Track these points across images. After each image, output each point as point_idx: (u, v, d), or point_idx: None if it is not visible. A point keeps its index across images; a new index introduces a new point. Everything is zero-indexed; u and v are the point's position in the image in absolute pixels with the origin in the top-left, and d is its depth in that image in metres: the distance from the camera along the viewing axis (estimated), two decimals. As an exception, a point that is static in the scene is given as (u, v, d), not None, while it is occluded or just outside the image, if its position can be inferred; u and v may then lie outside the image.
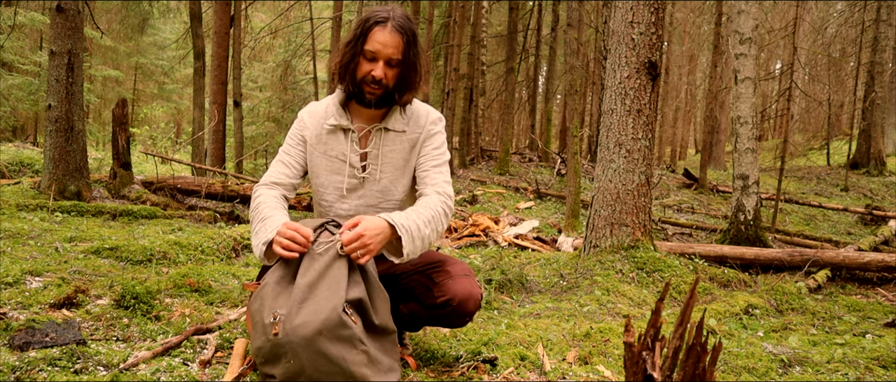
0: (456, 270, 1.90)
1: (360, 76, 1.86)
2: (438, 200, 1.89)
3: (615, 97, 4.25)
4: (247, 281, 3.05)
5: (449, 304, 1.84)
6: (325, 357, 1.53)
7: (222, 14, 11.02)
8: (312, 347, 1.52)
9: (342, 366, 1.54)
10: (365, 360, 1.60)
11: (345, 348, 1.56)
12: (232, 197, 6.33)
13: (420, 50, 1.90)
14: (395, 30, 1.82)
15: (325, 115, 1.98)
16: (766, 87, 25.41)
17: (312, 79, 14.52)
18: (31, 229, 3.91)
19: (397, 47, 1.83)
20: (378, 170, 1.96)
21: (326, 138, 1.97)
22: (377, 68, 1.83)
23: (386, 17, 1.83)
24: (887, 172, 14.24)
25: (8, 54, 14.44)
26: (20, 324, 1.93)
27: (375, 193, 1.98)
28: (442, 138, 2.01)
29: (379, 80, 1.84)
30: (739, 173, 6.15)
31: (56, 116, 5.29)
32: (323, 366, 1.53)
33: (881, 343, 2.87)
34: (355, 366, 1.56)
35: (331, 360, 1.53)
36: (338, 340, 1.55)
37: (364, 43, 1.84)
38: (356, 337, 1.59)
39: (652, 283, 3.92)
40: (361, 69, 1.86)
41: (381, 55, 1.83)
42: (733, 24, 6.41)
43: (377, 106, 1.91)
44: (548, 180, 10.87)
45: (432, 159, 1.98)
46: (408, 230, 1.74)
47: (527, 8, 16.07)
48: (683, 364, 1.27)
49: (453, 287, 1.85)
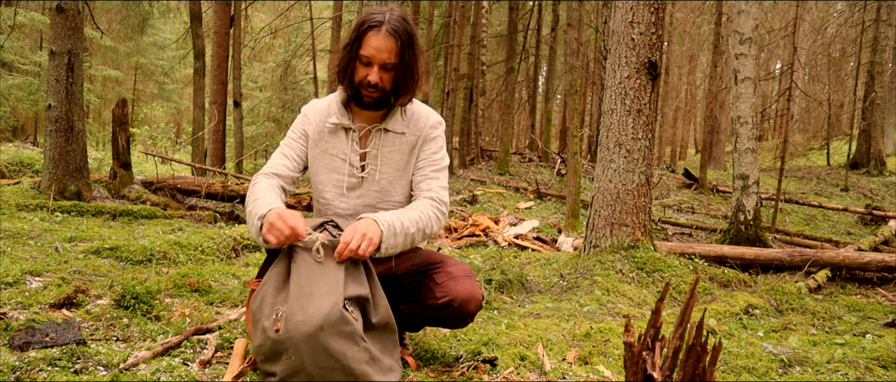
0: (457, 271, 1.91)
1: (357, 80, 1.88)
2: (430, 205, 1.91)
3: (615, 97, 4.25)
4: (248, 279, 3.05)
5: (450, 305, 1.85)
6: (327, 352, 1.53)
7: (222, 14, 11.02)
8: (314, 343, 1.52)
9: (343, 363, 1.54)
10: (366, 358, 1.60)
11: (346, 344, 1.56)
12: (232, 197, 6.33)
13: (417, 51, 1.89)
14: (389, 34, 1.82)
15: (328, 113, 2.00)
16: (766, 87, 25.41)
17: (312, 79, 14.52)
18: (31, 229, 3.91)
19: (391, 51, 1.83)
20: (377, 171, 1.97)
21: (328, 136, 1.99)
22: (372, 73, 1.84)
23: (380, 20, 1.83)
24: (887, 172, 14.24)
25: (8, 54, 14.44)
26: (20, 324, 1.93)
27: (374, 193, 1.99)
28: (441, 142, 2.02)
29: (375, 85, 1.85)
30: (739, 173, 6.15)
31: (56, 116, 5.29)
32: (324, 362, 1.53)
33: (881, 343, 2.87)
34: (356, 363, 1.56)
35: (332, 356, 1.53)
36: (339, 336, 1.55)
37: (359, 47, 1.85)
38: (357, 334, 1.59)
39: (652, 283, 3.92)
40: (358, 73, 1.87)
41: (376, 60, 1.83)
42: (733, 24, 6.41)
43: (376, 107, 1.93)
44: (548, 180, 10.87)
45: (430, 164, 1.99)
46: (390, 225, 1.76)
47: (527, 8, 16.07)
48: (683, 364, 1.27)
49: (455, 288, 1.85)
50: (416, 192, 1.99)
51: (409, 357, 2.04)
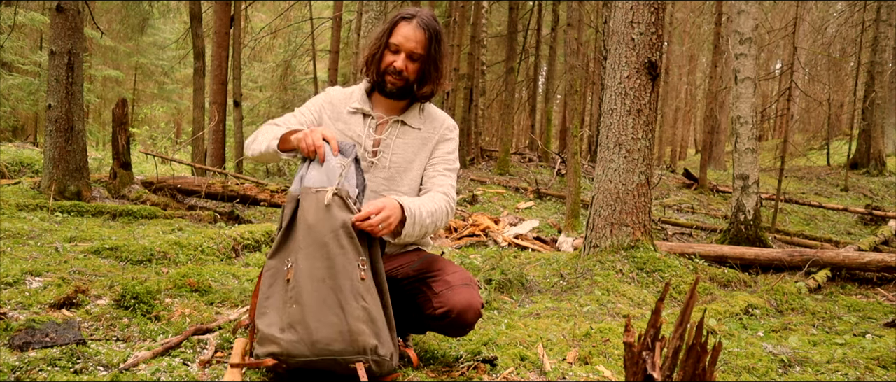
0: (455, 279, 1.91)
1: (383, 67, 1.97)
2: (444, 200, 1.96)
3: (615, 97, 4.25)
4: (248, 279, 3.05)
5: (448, 315, 1.86)
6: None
7: (222, 14, 11.02)
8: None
9: (340, 298, 1.62)
10: (365, 317, 1.63)
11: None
12: (232, 197, 6.33)
13: (444, 49, 2.00)
14: (419, 26, 1.94)
15: (350, 99, 2.08)
16: (766, 87, 25.41)
17: (312, 79, 14.52)
18: (31, 229, 3.91)
19: (420, 43, 1.94)
20: (387, 158, 2.01)
21: (346, 117, 2.05)
22: (399, 59, 1.94)
23: (412, 14, 1.97)
24: (887, 172, 14.24)
25: (8, 54, 14.43)
26: (20, 324, 1.93)
27: (381, 180, 2.02)
28: (455, 145, 2.10)
29: (400, 71, 1.94)
30: (739, 173, 6.15)
31: (56, 116, 5.29)
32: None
33: (881, 343, 2.87)
34: (354, 319, 1.62)
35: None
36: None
37: (389, 36, 1.96)
38: (358, 289, 1.66)
39: (652, 283, 3.92)
40: (385, 60, 1.97)
41: (404, 48, 1.94)
42: (733, 24, 6.41)
43: (397, 97, 2.00)
44: (548, 180, 10.87)
45: (444, 162, 2.05)
46: (412, 214, 1.82)
47: (527, 8, 16.06)
48: (683, 364, 1.27)
49: (452, 298, 1.86)
50: (429, 186, 2.03)
51: (410, 349, 2.03)
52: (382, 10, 6.24)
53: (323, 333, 1.58)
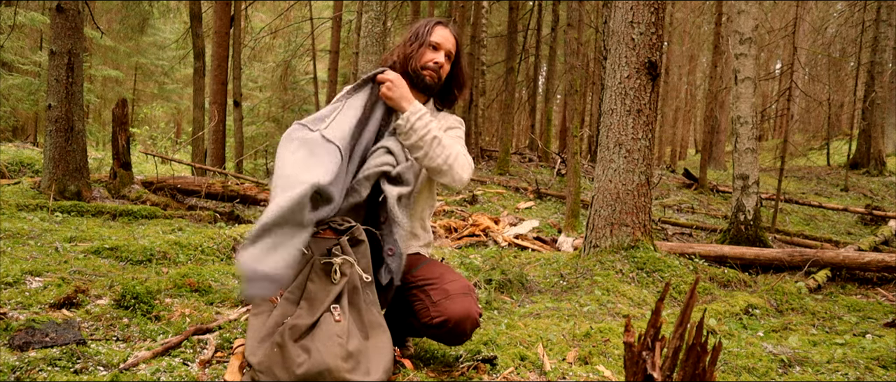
0: (454, 288, 1.91)
1: (422, 62, 2.10)
2: (462, 148, 2.05)
3: (615, 97, 4.25)
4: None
5: (445, 325, 1.86)
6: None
7: (222, 14, 11.02)
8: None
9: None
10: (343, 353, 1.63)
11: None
12: (232, 197, 6.33)
13: (464, 61, 2.21)
14: (452, 33, 2.15)
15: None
16: (766, 87, 25.42)
17: (312, 79, 14.52)
18: (31, 229, 3.91)
19: (454, 45, 2.15)
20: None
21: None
22: (439, 56, 2.11)
23: (446, 21, 2.18)
24: (887, 172, 14.24)
25: (8, 54, 14.44)
26: (20, 324, 1.93)
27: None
28: (462, 133, 2.22)
29: (439, 66, 2.10)
30: (739, 173, 6.15)
31: (56, 116, 5.29)
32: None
33: (881, 343, 2.87)
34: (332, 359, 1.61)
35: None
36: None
37: (429, 36, 2.12)
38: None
39: (652, 283, 3.92)
40: (425, 56, 2.11)
41: (443, 47, 2.12)
42: (733, 24, 6.41)
43: (426, 91, 2.13)
44: (548, 180, 10.87)
45: (455, 139, 2.15)
46: (418, 114, 1.95)
47: (527, 8, 16.06)
48: (683, 364, 1.27)
49: (450, 307, 1.86)
50: None
51: (406, 360, 2.04)
52: (382, 10, 6.24)
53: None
